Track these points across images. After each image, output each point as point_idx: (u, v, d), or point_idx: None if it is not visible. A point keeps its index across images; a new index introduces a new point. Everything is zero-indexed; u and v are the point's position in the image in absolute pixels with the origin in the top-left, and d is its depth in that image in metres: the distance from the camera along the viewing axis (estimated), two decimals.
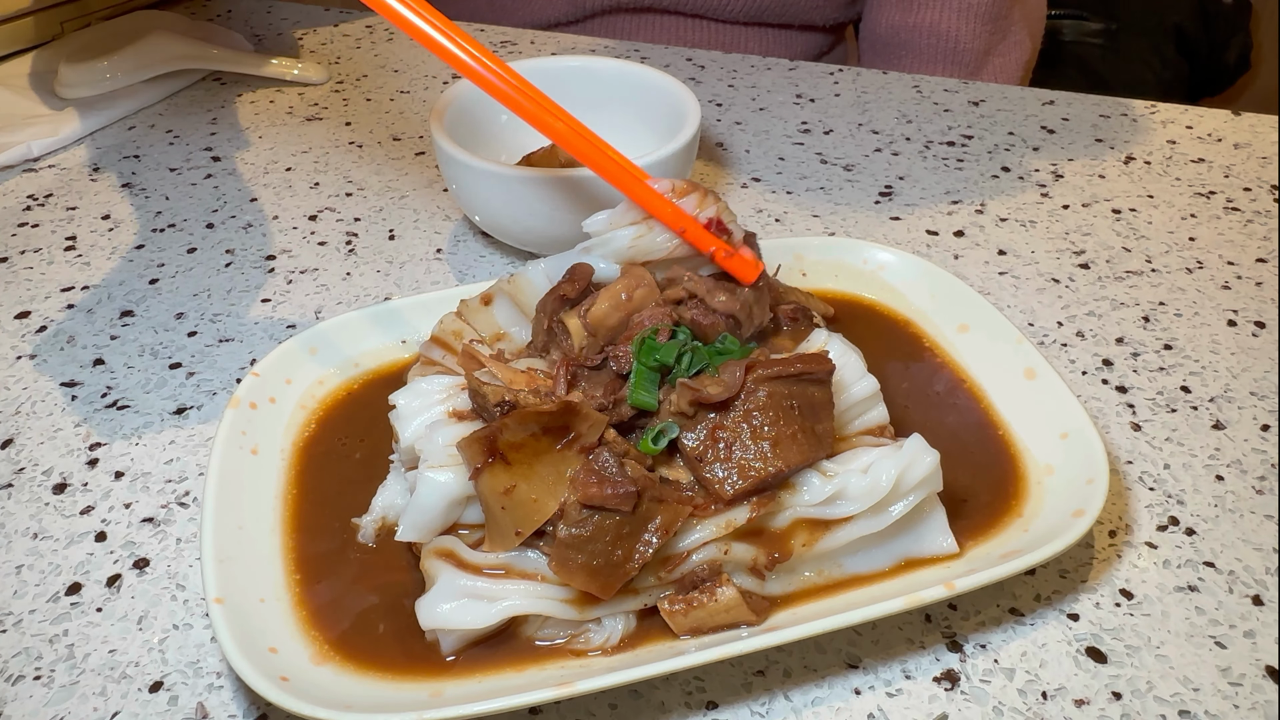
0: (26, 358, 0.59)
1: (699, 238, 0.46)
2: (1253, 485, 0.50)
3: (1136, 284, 0.66)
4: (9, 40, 0.93)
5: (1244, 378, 0.57)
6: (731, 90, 0.91)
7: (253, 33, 1.04)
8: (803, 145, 0.82)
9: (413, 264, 0.68)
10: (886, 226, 0.72)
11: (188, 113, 0.88)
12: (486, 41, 1.02)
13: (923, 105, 0.88)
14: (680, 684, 0.41)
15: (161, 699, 0.41)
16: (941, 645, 0.43)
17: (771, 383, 0.41)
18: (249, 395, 0.49)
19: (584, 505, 0.38)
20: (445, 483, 0.41)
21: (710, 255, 0.47)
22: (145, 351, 0.60)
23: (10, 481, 0.51)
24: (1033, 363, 0.51)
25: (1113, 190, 0.76)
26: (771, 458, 0.40)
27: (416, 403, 0.44)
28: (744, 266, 0.47)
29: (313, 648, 0.40)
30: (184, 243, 0.70)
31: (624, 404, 0.42)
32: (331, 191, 0.76)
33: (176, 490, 0.50)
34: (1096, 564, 0.46)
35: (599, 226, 0.47)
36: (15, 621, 0.44)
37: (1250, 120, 0.85)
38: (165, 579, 0.46)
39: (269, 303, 0.64)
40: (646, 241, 0.46)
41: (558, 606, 0.39)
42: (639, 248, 0.47)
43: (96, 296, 0.65)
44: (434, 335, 0.49)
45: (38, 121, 0.83)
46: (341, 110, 0.88)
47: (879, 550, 0.43)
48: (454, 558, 0.40)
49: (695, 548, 0.40)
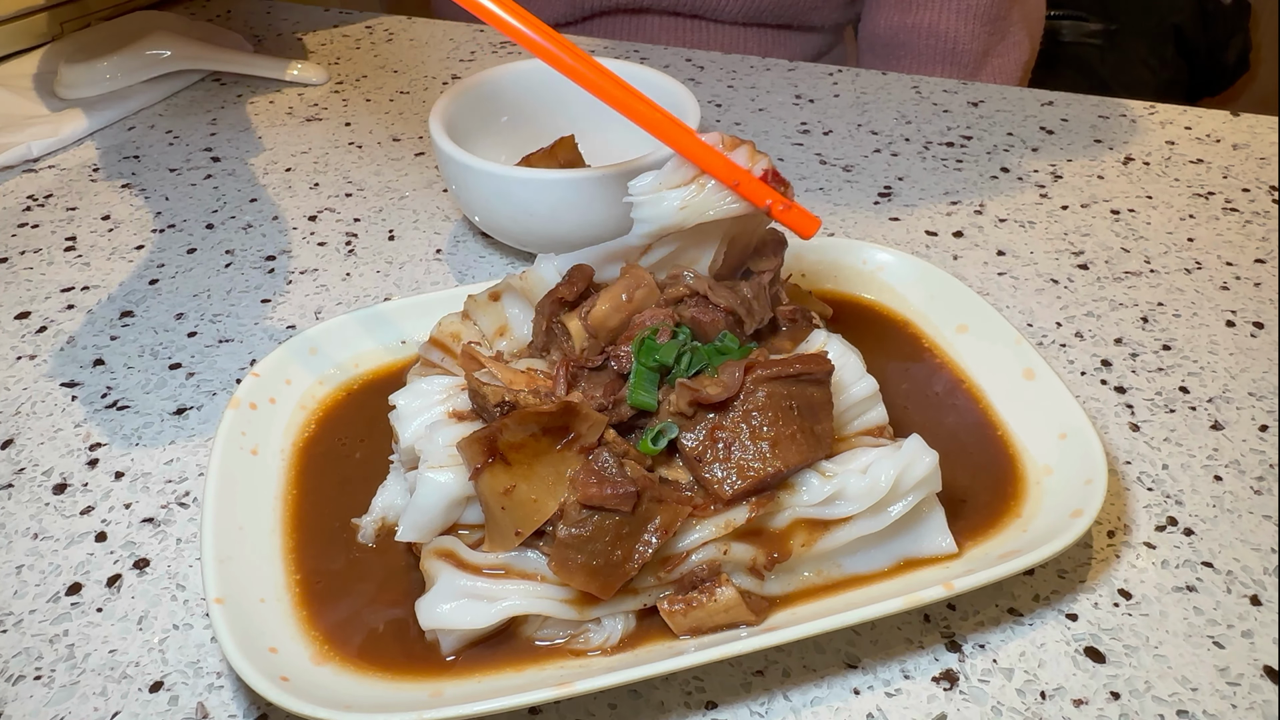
0: (27, 358, 0.59)
1: (754, 191, 0.43)
2: (1251, 485, 0.50)
3: (1135, 284, 0.66)
4: (9, 40, 0.93)
5: (1242, 378, 0.57)
6: (731, 91, 0.91)
7: (252, 33, 1.04)
8: (802, 146, 0.82)
9: (412, 264, 0.68)
10: (886, 227, 0.72)
11: (187, 113, 0.88)
12: (486, 42, 1.02)
13: (922, 106, 0.89)
14: (680, 684, 0.41)
15: (162, 699, 0.41)
16: (940, 645, 0.43)
17: (770, 383, 0.41)
18: (249, 396, 0.49)
19: (584, 505, 0.38)
20: (445, 483, 0.41)
21: (767, 209, 0.43)
22: (145, 352, 0.60)
23: (10, 482, 0.51)
24: (1031, 363, 0.51)
25: (1111, 191, 0.76)
26: (770, 458, 0.40)
27: (416, 403, 0.44)
28: (802, 219, 0.44)
29: (313, 648, 0.40)
30: (184, 243, 0.70)
31: (623, 404, 0.42)
32: (331, 192, 0.76)
33: (176, 490, 0.51)
34: (1095, 564, 0.46)
35: (646, 186, 0.43)
36: (16, 621, 0.44)
37: (1249, 121, 0.86)
38: (165, 579, 0.46)
39: (269, 303, 0.64)
40: (701, 200, 0.43)
41: (557, 606, 0.39)
42: (694, 207, 0.43)
43: (96, 297, 0.65)
44: (433, 337, 0.49)
45: (38, 122, 0.83)
46: (341, 111, 0.88)
47: (878, 550, 0.43)
48: (454, 558, 0.40)
49: (695, 548, 0.40)
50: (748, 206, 0.43)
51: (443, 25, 1.06)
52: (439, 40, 1.03)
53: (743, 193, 0.43)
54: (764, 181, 0.43)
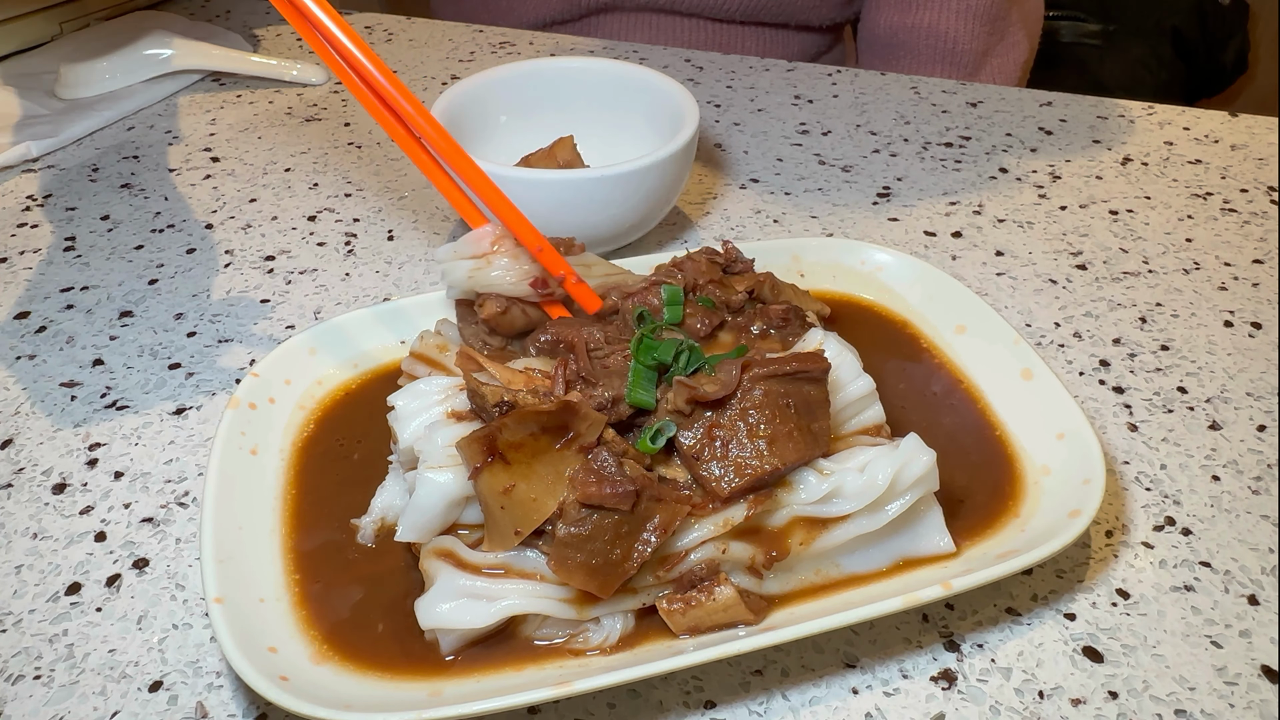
0: (26, 358, 0.60)
1: (552, 260, 0.49)
2: (1249, 485, 0.50)
3: (1133, 285, 0.66)
4: (9, 40, 0.93)
5: (1240, 378, 0.58)
6: (730, 91, 0.91)
7: (251, 33, 1.05)
8: (801, 146, 0.82)
9: (411, 264, 0.68)
10: (884, 227, 0.72)
11: (187, 113, 0.88)
12: (485, 42, 1.02)
13: (921, 106, 0.89)
14: (678, 683, 0.41)
15: (161, 698, 0.41)
16: (939, 645, 0.43)
17: (767, 381, 0.41)
18: (248, 396, 0.49)
19: (583, 504, 0.38)
20: (444, 483, 0.41)
21: (560, 279, 0.49)
22: (144, 352, 0.60)
23: (10, 481, 0.51)
24: (1030, 363, 0.51)
25: (1110, 191, 0.76)
26: (768, 455, 0.40)
27: (415, 404, 0.44)
28: (589, 296, 0.49)
29: (312, 647, 0.40)
30: (183, 243, 0.70)
31: (622, 403, 0.42)
32: (330, 192, 0.76)
33: (176, 490, 0.51)
34: (1093, 564, 0.46)
35: (444, 254, 0.50)
36: (15, 621, 0.44)
37: (1247, 122, 0.86)
38: (165, 579, 0.46)
39: (268, 303, 0.64)
40: (483, 275, 0.49)
41: (557, 606, 0.40)
42: (476, 279, 0.49)
43: (96, 297, 0.65)
44: (414, 352, 0.49)
45: (37, 122, 0.83)
46: (340, 111, 0.88)
47: (876, 550, 0.43)
48: (453, 557, 0.40)
49: (693, 547, 0.40)
50: (531, 291, 0.49)
51: (442, 26, 1.06)
52: (438, 41, 1.03)
53: (542, 259, 0.49)
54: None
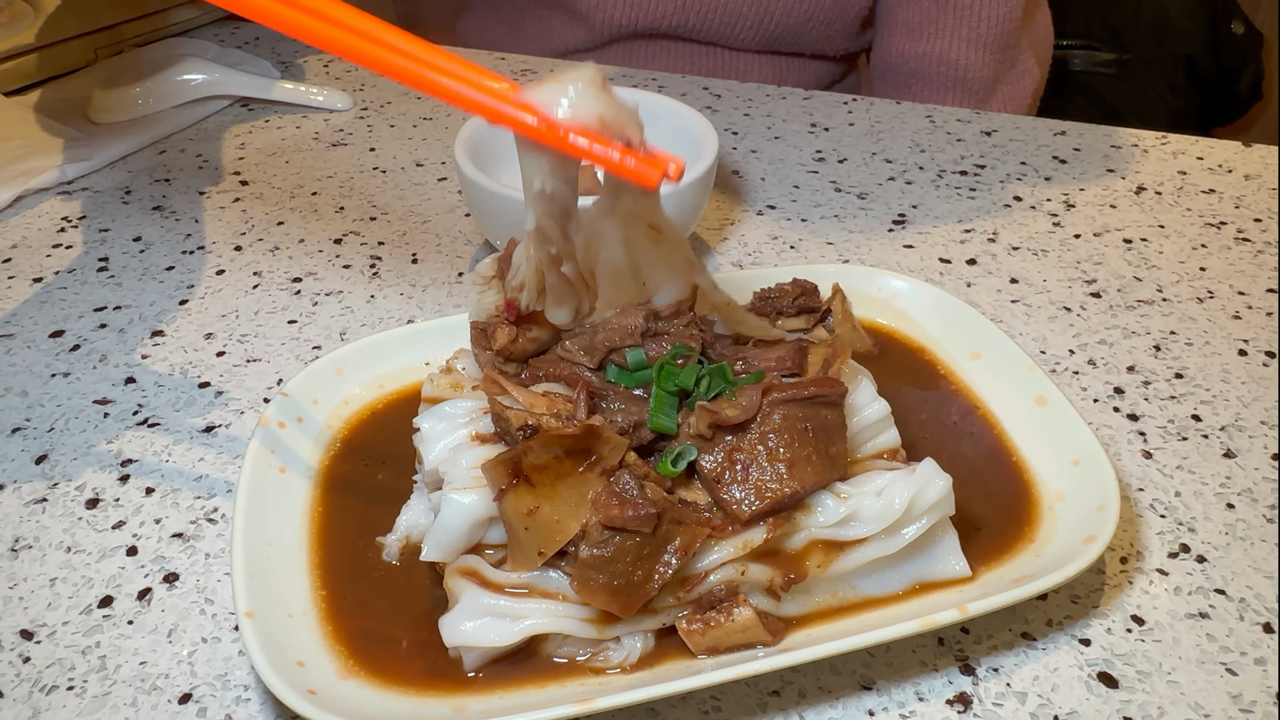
0: (61, 375, 0.61)
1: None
2: (1263, 514, 0.51)
3: (1148, 313, 0.66)
4: (45, 67, 0.96)
5: (1255, 407, 0.58)
6: (747, 119, 0.93)
7: (279, 60, 1.07)
8: (817, 174, 0.84)
9: (435, 287, 0.69)
10: (900, 254, 0.73)
11: (217, 138, 0.90)
12: (508, 69, 1.04)
13: (935, 135, 0.90)
14: (697, 703, 0.42)
15: (190, 710, 0.42)
16: (954, 668, 0.43)
17: (786, 405, 0.42)
18: (277, 415, 0.51)
19: (605, 526, 0.39)
20: (469, 504, 0.42)
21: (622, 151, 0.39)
22: (175, 370, 0.61)
23: (45, 496, 0.52)
24: (1044, 390, 0.52)
25: (1124, 220, 0.77)
26: (787, 479, 0.41)
27: (440, 426, 0.46)
28: (648, 165, 0.39)
29: (339, 662, 0.41)
30: (213, 265, 0.72)
31: (644, 427, 0.43)
32: (356, 215, 0.78)
33: (205, 507, 0.52)
34: (1108, 590, 0.47)
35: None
36: (49, 633, 0.45)
37: (1261, 152, 0.86)
38: (194, 593, 0.47)
39: (295, 324, 0.66)
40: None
41: (578, 625, 0.40)
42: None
43: (128, 316, 0.66)
44: (426, 396, 0.48)
45: (72, 145, 0.85)
46: (366, 136, 0.90)
47: (892, 573, 0.44)
48: (477, 576, 0.41)
49: (713, 568, 0.41)
50: None
51: (465, 54, 1.08)
52: None
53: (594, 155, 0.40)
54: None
